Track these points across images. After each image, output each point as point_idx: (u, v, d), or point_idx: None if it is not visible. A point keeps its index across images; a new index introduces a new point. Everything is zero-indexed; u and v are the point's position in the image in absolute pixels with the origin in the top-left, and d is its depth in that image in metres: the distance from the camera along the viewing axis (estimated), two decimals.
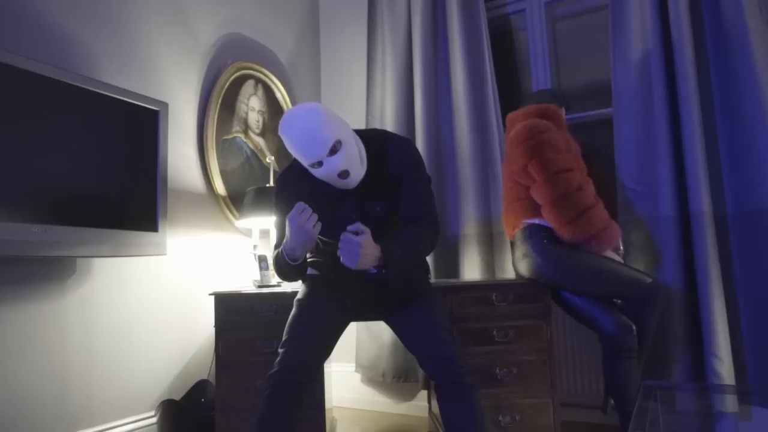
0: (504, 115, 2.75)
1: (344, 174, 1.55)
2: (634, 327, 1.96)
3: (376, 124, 3.03)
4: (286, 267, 1.68)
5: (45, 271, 1.85)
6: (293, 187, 1.69)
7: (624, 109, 2.39)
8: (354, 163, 1.57)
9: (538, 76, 2.89)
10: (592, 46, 2.83)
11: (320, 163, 1.55)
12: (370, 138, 1.71)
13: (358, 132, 1.73)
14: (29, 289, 1.80)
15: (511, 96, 2.98)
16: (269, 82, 2.91)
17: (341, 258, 1.54)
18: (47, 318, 1.84)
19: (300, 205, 1.55)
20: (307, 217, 1.54)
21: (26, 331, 1.78)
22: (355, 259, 1.51)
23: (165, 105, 2.13)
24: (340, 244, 1.53)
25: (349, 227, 1.53)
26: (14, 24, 1.81)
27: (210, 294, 2.05)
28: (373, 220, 1.66)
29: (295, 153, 1.57)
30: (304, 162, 1.58)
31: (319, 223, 1.58)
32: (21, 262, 1.78)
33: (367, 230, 1.54)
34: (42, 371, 1.81)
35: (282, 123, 1.55)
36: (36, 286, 1.82)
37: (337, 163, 1.54)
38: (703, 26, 2.29)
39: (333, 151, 1.53)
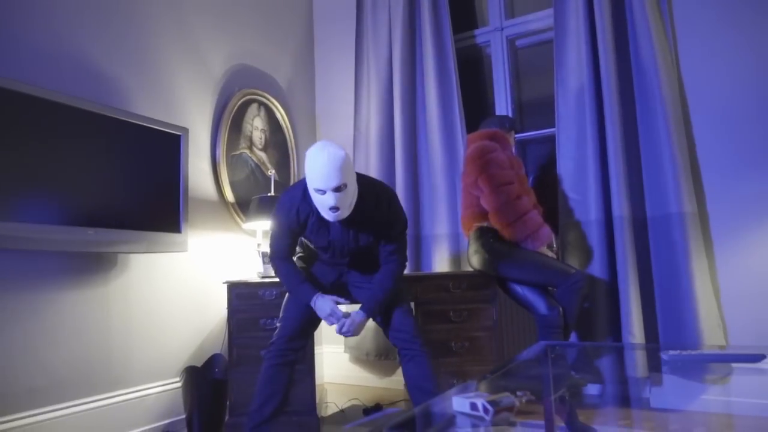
0: (468, 132, 3.27)
1: (334, 209, 1.95)
2: (561, 309, 2.47)
3: (362, 138, 3.54)
4: (294, 294, 2.19)
5: (93, 265, 2.37)
6: (297, 203, 2.11)
7: (564, 130, 2.92)
8: (345, 205, 1.97)
9: (500, 96, 3.40)
10: (547, 69, 3.34)
11: (323, 192, 1.94)
12: (366, 187, 2.10)
13: (359, 177, 2.12)
14: (82, 279, 2.32)
15: (479, 112, 3.49)
16: (270, 105, 3.43)
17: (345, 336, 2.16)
18: (95, 301, 2.36)
19: (335, 316, 2.12)
20: (333, 323, 2.13)
21: (81, 311, 2.30)
22: (356, 333, 2.15)
23: (186, 130, 2.65)
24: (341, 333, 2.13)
25: (338, 330, 2.12)
26: (60, 65, 2.34)
27: (223, 283, 2.58)
28: (358, 247, 2.16)
29: (311, 173, 1.94)
30: (313, 183, 1.94)
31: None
32: (76, 257, 2.30)
33: (346, 321, 2.12)
34: (92, 342, 2.33)
35: (313, 148, 1.97)
36: (87, 276, 2.34)
37: (336, 199, 1.93)
38: (630, 62, 2.80)
39: (337, 189, 1.92)
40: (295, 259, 2.29)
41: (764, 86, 2.54)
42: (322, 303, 2.13)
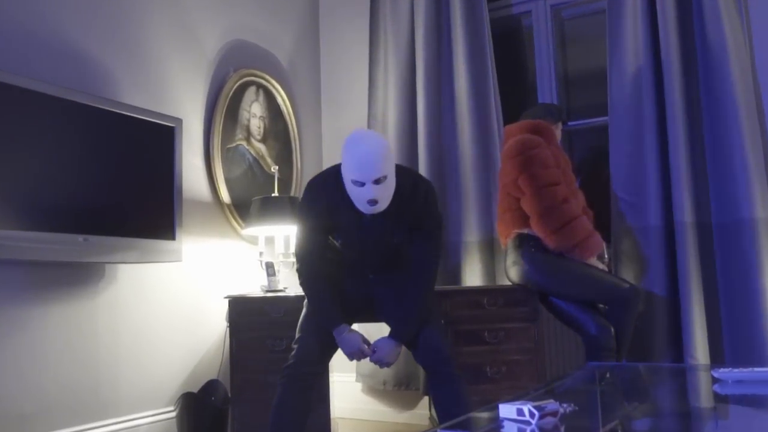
0: (505, 123, 3.58)
1: (373, 202, 2.28)
2: (612, 329, 2.80)
3: (379, 127, 3.87)
4: (318, 317, 2.51)
5: (79, 277, 2.71)
6: (328, 195, 2.43)
7: (618, 121, 3.24)
8: (385, 197, 2.32)
9: (543, 76, 3.72)
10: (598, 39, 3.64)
11: (363, 184, 2.26)
12: (404, 177, 2.44)
13: (397, 167, 2.42)
14: (66, 292, 2.66)
15: (515, 97, 3.81)
16: (270, 87, 3.77)
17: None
18: (81, 317, 2.70)
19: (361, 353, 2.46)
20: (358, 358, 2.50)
21: (64, 329, 2.64)
22: (391, 362, 2.50)
23: (179, 121, 2.99)
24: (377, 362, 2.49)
25: (371, 358, 2.47)
26: (47, 55, 2.67)
27: (224, 297, 2.93)
28: (389, 246, 2.50)
29: (349, 164, 2.27)
30: (352, 175, 2.27)
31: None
32: (62, 267, 2.64)
33: (378, 347, 2.46)
34: (77, 364, 2.67)
35: (353, 136, 2.31)
36: (71, 289, 2.68)
37: (375, 191, 2.26)
38: (695, 44, 3.11)
39: (377, 181, 2.25)
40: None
41: None
42: (349, 338, 2.45)
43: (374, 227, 2.46)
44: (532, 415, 1.24)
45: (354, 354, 2.47)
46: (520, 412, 1.27)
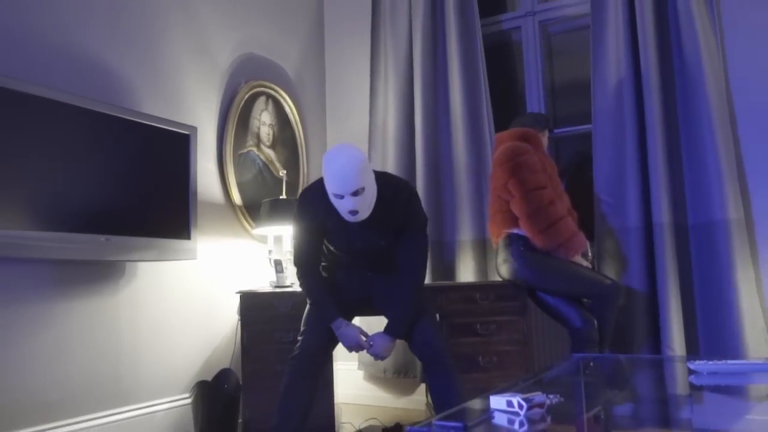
0: (496, 131, 3.59)
1: (354, 212, 2.33)
2: (595, 321, 2.81)
3: (379, 134, 3.87)
4: (318, 313, 2.53)
5: (101, 274, 2.72)
6: (316, 203, 2.46)
7: (601, 128, 3.24)
8: (364, 207, 2.34)
9: (531, 86, 3.72)
10: (583, 52, 3.65)
11: (342, 197, 2.29)
12: (385, 185, 2.46)
13: (378, 174, 2.48)
14: (89, 288, 2.67)
15: (505, 107, 3.82)
16: (278, 97, 3.77)
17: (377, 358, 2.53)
18: (103, 312, 2.71)
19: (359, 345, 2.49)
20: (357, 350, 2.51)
21: (88, 322, 2.64)
22: (386, 356, 2.53)
23: (194, 129, 2.99)
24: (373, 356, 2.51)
25: (368, 352, 2.50)
26: (73, 67, 2.68)
27: (236, 293, 2.93)
28: (377, 249, 2.52)
29: (327, 179, 2.31)
30: (331, 189, 2.30)
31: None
32: (86, 266, 2.65)
33: (374, 342, 2.50)
34: (100, 355, 2.68)
35: (330, 152, 2.33)
36: (94, 286, 2.69)
37: (354, 203, 2.29)
38: (672, 57, 3.12)
39: (355, 193, 2.27)
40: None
41: None
42: (346, 332, 2.49)
43: (361, 233, 2.48)
44: (520, 406, 1.26)
45: (352, 347, 2.51)
46: (509, 403, 1.29)
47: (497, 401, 1.31)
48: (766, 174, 2.94)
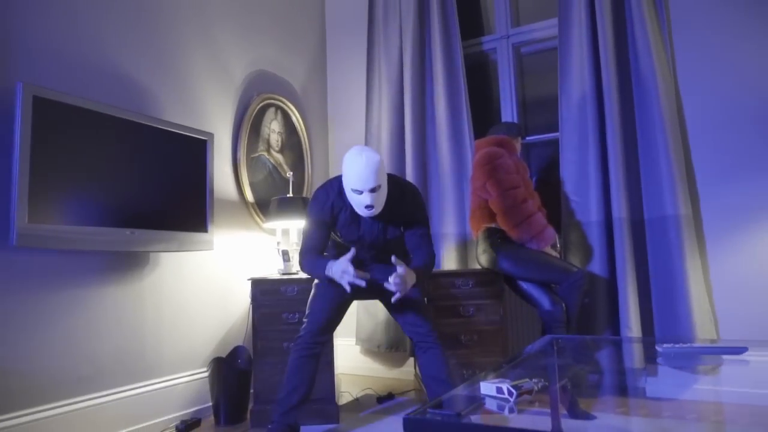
0: (476, 137, 3.45)
1: (370, 207, 2.21)
2: (563, 304, 2.67)
3: (374, 140, 3.73)
4: (317, 276, 2.32)
5: (128, 263, 2.56)
6: (332, 199, 2.33)
7: (567, 135, 3.10)
8: (379, 202, 2.24)
9: (506, 99, 3.59)
10: (550, 70, 3.52)
11: (360, 192, 2.18)
12: (394, 185, 2.36)
13: (388, 176, 2.35)
14: (120, 276, 2.51)
15: (486, 115, 3.68)
16: (286, 108, 3.61)
17: (396, 294, 2.17)
18: (130, 297, 2.55)
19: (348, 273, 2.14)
20: (350, 277, 2.14)
21: (119, 305, 2.49)
22: (405, 288, 2.16)
23: (211, 135, 2.83)
24: (394, 284, 2.14)
25: (392, 279, 2.14)
26: (103, 79, 2.52)
27: (248, 279, 2.77)
28: (386, 240, 2.40)
29: (349, 174, 2.17)
30: (351, 184, 2.17)
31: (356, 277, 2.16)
32: (116, 256, 2.49)
33: (402, 271, 2.14)
34: (127, 335, 2.52)
35: (352, 152, 2.19)
36: (123, 274, 2.53)
37: (371, 198, 2.19)
38: (629, 74, 2.99)
39: (373, 190, 2.18)
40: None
41: (754, 95, 2.73)
42: (334, 265, 2.20)
43: (371, 226, 2.37)
44: (510, 393, 1.11)
45: (343, 276, 2.17)
46: (499, 390, 1.14)
47: (487, 387, 1.17)
48: (712, 175, 2.82)
